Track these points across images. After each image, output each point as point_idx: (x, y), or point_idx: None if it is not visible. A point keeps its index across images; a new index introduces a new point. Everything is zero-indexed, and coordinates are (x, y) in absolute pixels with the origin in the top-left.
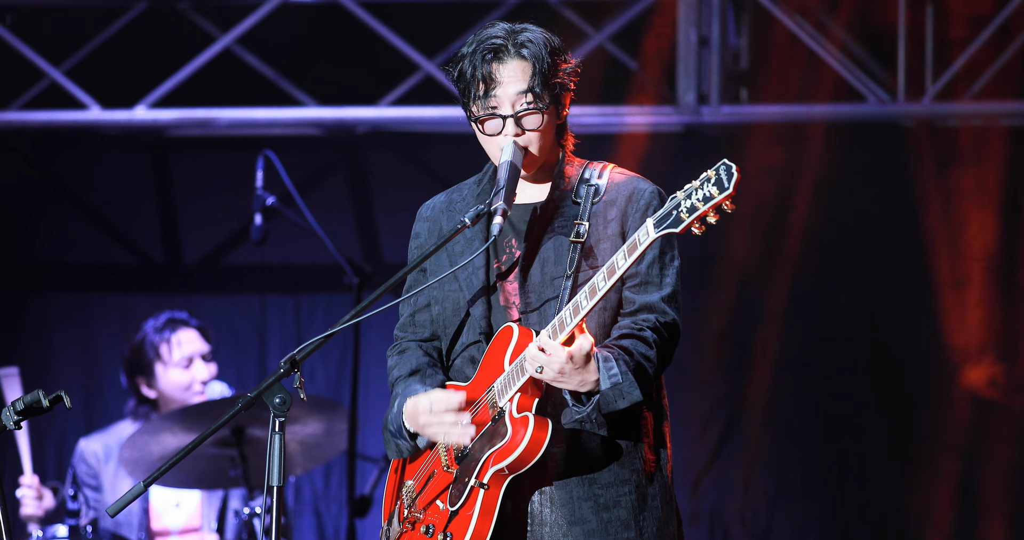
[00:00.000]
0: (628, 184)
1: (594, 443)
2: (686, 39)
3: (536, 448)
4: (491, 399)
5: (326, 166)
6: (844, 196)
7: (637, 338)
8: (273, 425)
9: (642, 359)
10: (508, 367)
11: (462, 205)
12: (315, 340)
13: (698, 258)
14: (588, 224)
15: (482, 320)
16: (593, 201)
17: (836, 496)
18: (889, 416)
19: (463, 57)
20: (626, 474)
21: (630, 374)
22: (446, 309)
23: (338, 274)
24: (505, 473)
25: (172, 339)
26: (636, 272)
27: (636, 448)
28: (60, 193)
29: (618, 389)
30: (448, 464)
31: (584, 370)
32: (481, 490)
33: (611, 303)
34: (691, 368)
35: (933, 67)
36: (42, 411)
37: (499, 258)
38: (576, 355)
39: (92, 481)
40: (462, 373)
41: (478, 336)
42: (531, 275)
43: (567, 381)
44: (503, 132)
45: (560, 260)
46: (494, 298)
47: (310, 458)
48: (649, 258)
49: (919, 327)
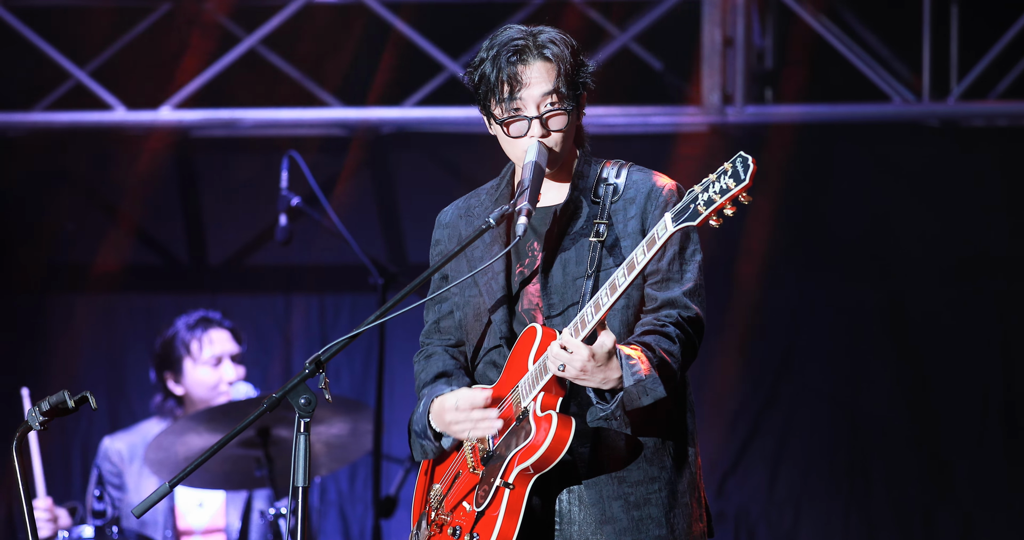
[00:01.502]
0: (647, 181)
1: (621, 441)
2: (710, 39)
3: (560, 446)
4: (515, 399)
5: (351, 167)
6: (868, 197)
7: (660, 334)
8: (298, 426)
9: (665, 355)
10: (532, 367)
11: (480, 210)
12: (340, 341)
13: (723, 255)
14: (608, 223)
15: (503, 325)
16: (612, 200)
17: (863, 497)
18: (917, 416)
19: (484, 59)
20: (655, 471)
21: (654, 371)
22: (467, 315)
23: (363, 275)
24: (530, 472)
25: (204, 337)
26: (657, 269)
27: (664, 445)
28: (85, 194)
29: (642, 386)
30: (474, 465)
31: (606, 367)
32: (507, 490)
33: (633, 301)
34: (716, 367)
35: (959, 66)
36: (67, 412)
37: (521, 262)
38: (598, 352)
39: (115, 480)
40: (485, 377)
41: (499, 341)
42: (552, 277)
43: (589, 379)
44: (529, 133)
45: (582, 260)
46: (515, 302)
47: (335, 459)
48: (669, 254)
49: (945, 329)
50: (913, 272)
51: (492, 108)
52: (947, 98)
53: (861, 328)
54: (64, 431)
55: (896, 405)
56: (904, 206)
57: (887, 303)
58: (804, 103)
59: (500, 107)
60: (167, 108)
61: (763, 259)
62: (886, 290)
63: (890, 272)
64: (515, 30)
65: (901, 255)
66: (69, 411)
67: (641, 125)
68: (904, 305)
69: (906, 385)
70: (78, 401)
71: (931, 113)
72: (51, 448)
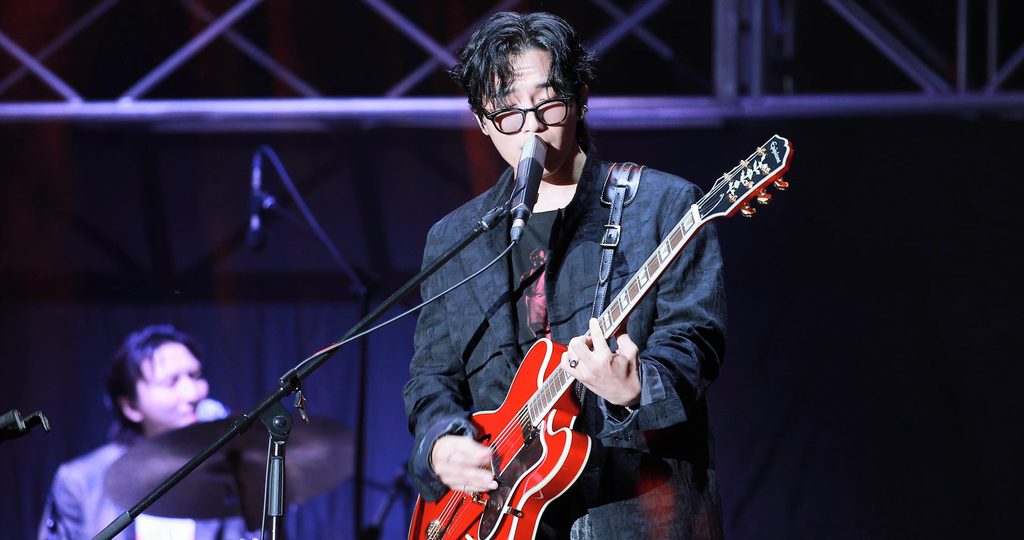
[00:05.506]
0: (662, 184)
1: (632, 465)
2: (724, 24)
3: (574, 468)
4: (524, 420)
5: (330, 164)
6: (897, 197)
7: (677, 348)
8: (272, 449)
9: (685, 372)
10: (542, 384)
11: (477, 221)
12: (318, 355)
13: (740, 265)
14: (620, 228)
15: (508, 343)
16: (624, 203)
17: (892, 528)
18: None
19: (472, 51)
20: (669, 500)
21: (674, 390)
22: (466, 335)
23: (343, 282)
24: (541, 498)
25: (155, 356)
26: (671, 277)
27: (680, 471)
28: (37, 194)
29: (660, 406)
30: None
31: (623, 380)
32: (515, 518)
33: (646, 311)
34: (731, 385)
35: (997, 53)
36: (18, 434)
37: (525, 272)
38: (617, 361)
39: (73, 512)
40: (489, 402)
41: (504, 361)
42: (559, 285)
43: (600, 386)
44: (523, 128)
45: (591, 267)
46: (520, 317)
47: (313, 485)
48: (684, 262)
49: (984, 343)
50: (947, 280)
51: (483, 103)
52: (984, 88)
53: (889, 342)
54: (14, 456)
55: (928, 427)
56: (937, 207)
57: (918, 314)
58: (827, 94)
59: (491, 101)
60: (127, 100)
61: (781, 266)
62: (917, 300)
63: (922, 280)
64: (507, 18)
65: (934, 261)
66: (19, 433)
67: (648, 118)
68: (937, 316)
69: (939, 405)
70: (29, 422)
71: (967, 105)
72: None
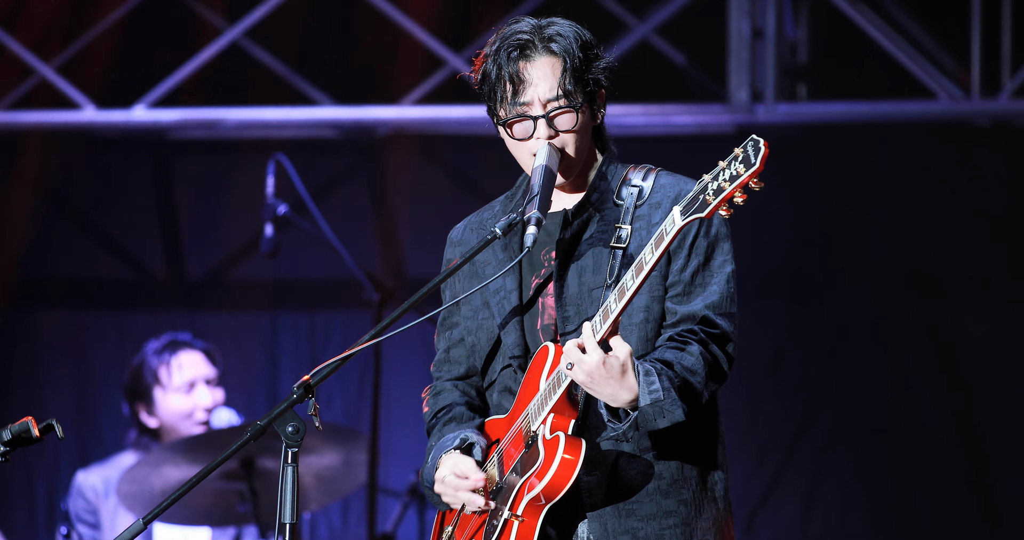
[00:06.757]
0: (675, 185)
1: (634, 469)
2: (738, 31)
3: (568, 471)
4: (525, 426)
5: (343, 171)
6: (911, 204)
7: (681, 351)
8: (285, 456)
9: (687, 374)
10: (543, 385)
11: (494, 223)
12: (331, 362)
13: (750, 268)
14: (631, 228)
15: (516, 348)
16: (637, 203)
17: (905, 537)
18: (966, 447)
19: (486, 57)
20: (671, 505)
21: (673, 391)
22: (480, 340)
23: (357, 290)
24: (541, 502)
25: (172, 362)
26: (678, 280)
27: (683, 476)
28: (51, 201)
29: (658, 406)
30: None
31: (619, 381)
32: (515, 522)
33: (654, 315)
34: (743, 392)
35: (1012, 59)
36: (32, 442)
37: (537, 273)
38: (611, 362)
39: (90, 518)
40: (501, 406)
41: (512, 364)
42: (568, 286)
43: (597, 388)
44: (535, 135)
45: (599, 269)
46: (529, 320)
47: (326, 492)
48: (693, 265)
49: (997, 350)
50: (962, 287)
51: (497, 109)
52: (999, 95)
53: (903, 349)
54: (28, 463)
55: (943, 435)
56: (951, 214)
57: (932, 322)
58: (841, 100)
59: (504, 108)
60: (141, 107)
61: (794, 272)
62: (931, 308)
63: (936, 288)
64: (522, 23)
65: (948, 269)
66: (33, 441)
67: (662, 125)
68: (951, 324)
69: (954, 413)
70: (43, 430)
71: (981, 111)
72: (13, 482)
